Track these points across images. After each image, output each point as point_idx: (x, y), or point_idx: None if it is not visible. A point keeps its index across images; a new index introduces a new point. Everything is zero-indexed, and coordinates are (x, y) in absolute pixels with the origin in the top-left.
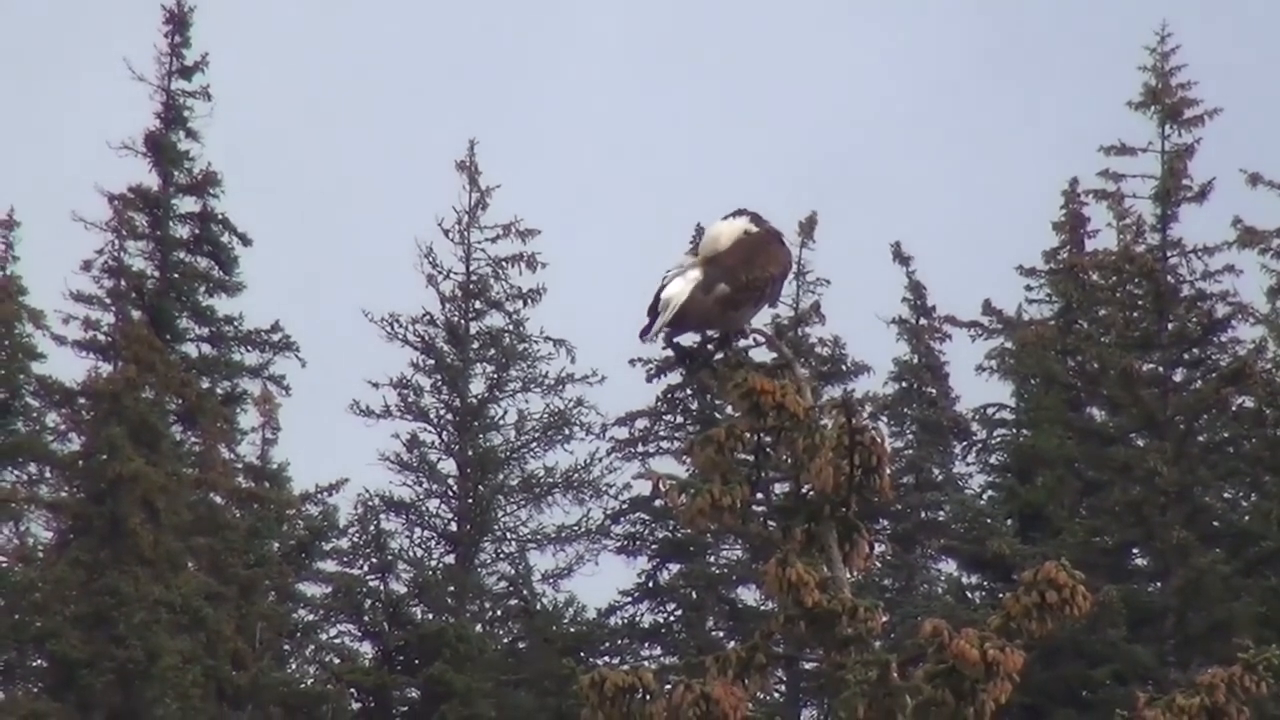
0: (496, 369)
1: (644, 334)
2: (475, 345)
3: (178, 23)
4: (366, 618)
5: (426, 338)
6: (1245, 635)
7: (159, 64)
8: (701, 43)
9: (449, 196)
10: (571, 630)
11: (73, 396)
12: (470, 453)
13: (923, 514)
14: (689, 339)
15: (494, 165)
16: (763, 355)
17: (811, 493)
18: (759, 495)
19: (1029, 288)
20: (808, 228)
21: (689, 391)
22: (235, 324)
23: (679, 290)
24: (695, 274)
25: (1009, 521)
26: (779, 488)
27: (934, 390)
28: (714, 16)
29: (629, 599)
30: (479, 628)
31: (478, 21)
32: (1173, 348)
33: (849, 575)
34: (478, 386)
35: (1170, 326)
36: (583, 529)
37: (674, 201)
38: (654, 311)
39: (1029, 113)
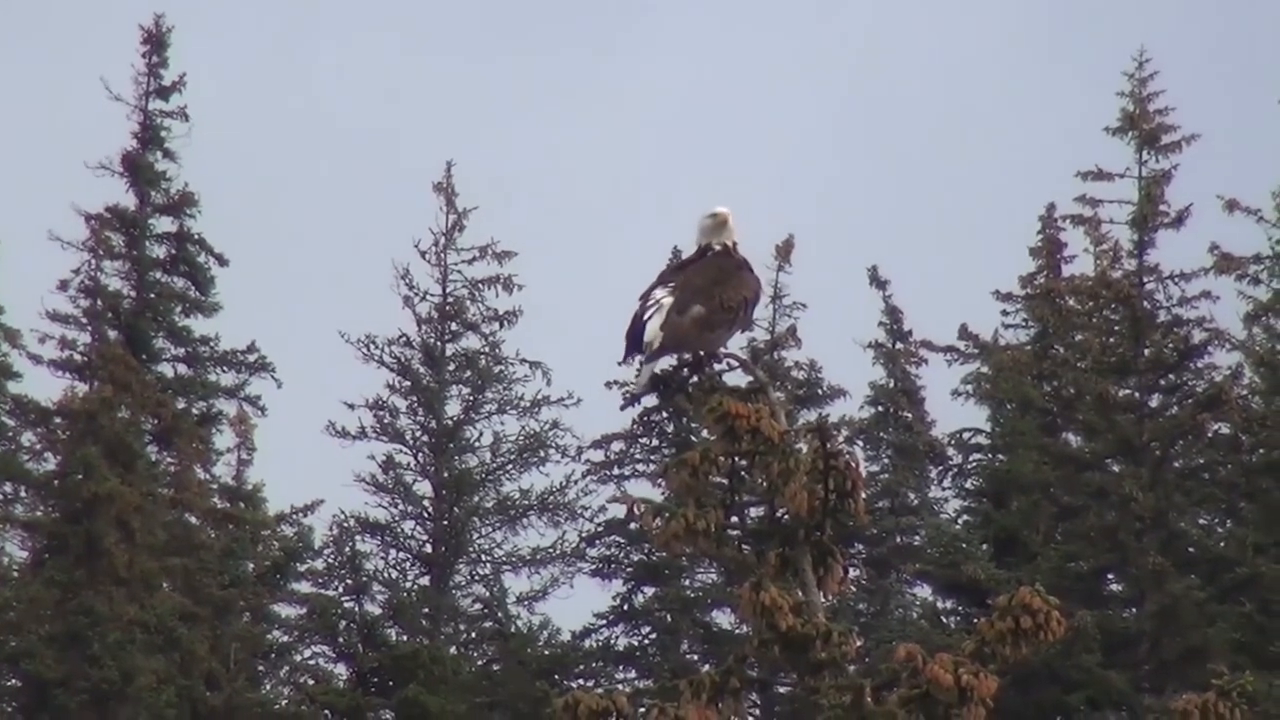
0: (472, 391)
1: (623, 361)
2: (451, 367)
3: (155, 43)
4: (341, 639)
5: (403, 359)
6: (1220, 662)
7: (136, 84)
8: (675, 66)
9: (426, 218)
10: (546, 653)
11: (48, 416)
12: (446, 474)
13: (898, 538)
14: (664, 363)
15: (471, 186)
16: (738, 379)
17: (786, 517)
18: (734, 519)
19: (1005, 313)
20: (784, 251)
21: (665, 415)
22: (211, 344)
23: (655, 328)
24: (667, 301)
25: (984, 546)
26: (754, 512)
27: (910, 415)
28: (684, 39)
29: (604, 622)
30: (454, 650)
31: (455, 42)
32: (1149, 373)
33: (823, 599)
34: (453, 408)
35: (1146, 352)
36: (558, 551)
37: (649, 224)
38: (631, 338)
39: (1006, 137)
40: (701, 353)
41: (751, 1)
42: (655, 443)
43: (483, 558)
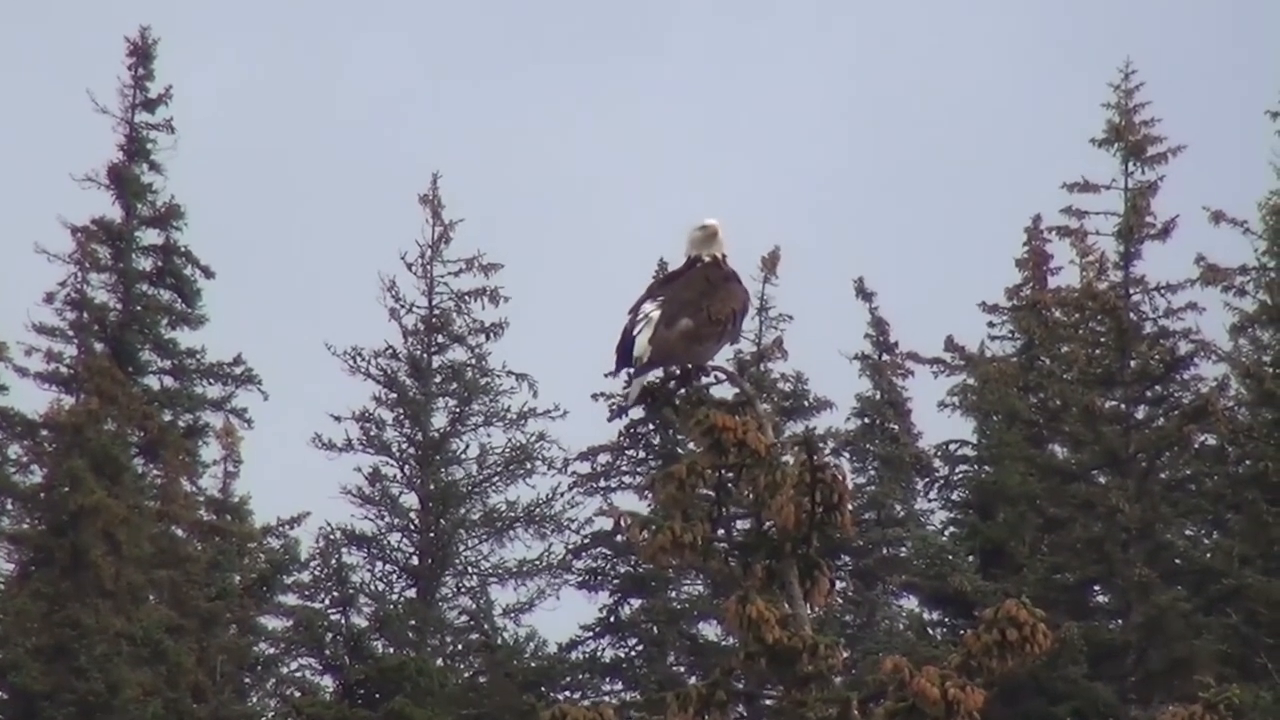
0: (459, 403)
1: (613, 374)
2: (437, 379)
3: (141, 55)
4: (327, 651)
5: (389, 371)
6: (1206, 673)
7: (122, 96)
8: (664, 74)
9: (412, 230)
10: (533, 665)
11: (35, 428)
12: (432, 486)
13: (884, 550)
14: (651, 375)
15: (457, 199)
16: (725, 392)
17: (773, 529)
18: (720, 531)
19: (991, 324)
20: (770, 263)
21: (651, 427)
22: (197, 357)
23: (645, 342)
24: (656, 315)
25: (970, 558)
26: (740, 524)
27: (896, 426)
28: (676, 47)
29: (590, 634)
30: (440, 662)
31: (441, 54)
32: (1135, 385)
33: (810, 612)
34: (440, 420)
35: (1133, 364)
36: (544, 563)
37: (636, 235)
38: (621, 352)
39: (991, 150)
40: (689, 365)
41: (743, 17)
42: (642, 455)
43: (469, 570)
